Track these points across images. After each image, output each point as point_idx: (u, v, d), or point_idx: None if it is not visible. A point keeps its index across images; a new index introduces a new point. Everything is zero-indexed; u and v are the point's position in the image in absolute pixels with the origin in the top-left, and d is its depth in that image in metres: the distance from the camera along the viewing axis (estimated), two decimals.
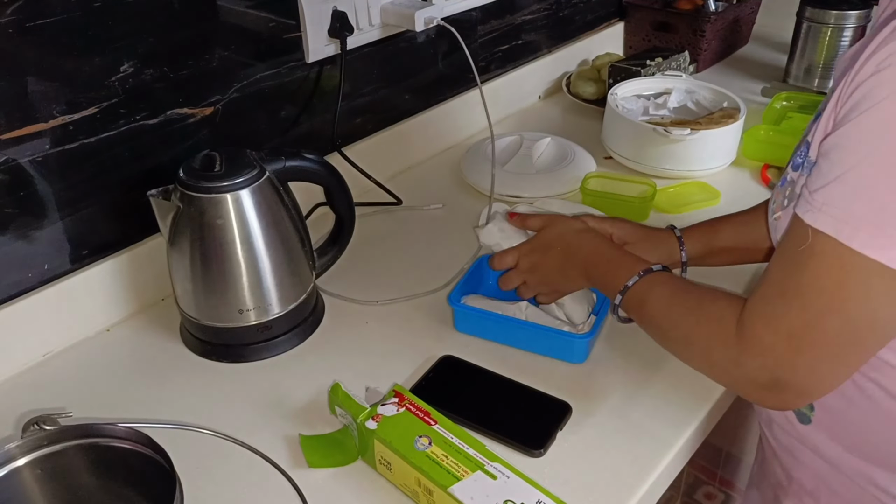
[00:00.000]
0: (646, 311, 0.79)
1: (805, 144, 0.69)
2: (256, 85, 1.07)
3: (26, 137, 0.85)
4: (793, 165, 0.70)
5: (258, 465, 0.78)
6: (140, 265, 0.99)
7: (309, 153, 0.95)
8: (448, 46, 1.33)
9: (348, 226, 1.01)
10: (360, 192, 1.20)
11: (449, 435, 0.74)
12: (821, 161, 0.61)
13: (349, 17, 1.11)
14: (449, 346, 0.93)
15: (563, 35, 1.62)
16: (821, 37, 1.57)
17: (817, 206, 0.60)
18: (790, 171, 0.70)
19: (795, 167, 0.69)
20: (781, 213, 0.71)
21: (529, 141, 1.32)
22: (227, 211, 0.86)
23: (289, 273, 0.92)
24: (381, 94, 1.26)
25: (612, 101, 1.34)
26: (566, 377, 0.88)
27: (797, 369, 0.63)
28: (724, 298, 0.71)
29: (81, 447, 0.68)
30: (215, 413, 0.85)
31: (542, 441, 0.79)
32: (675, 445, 0.80)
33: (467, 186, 1.27)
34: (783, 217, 0.70)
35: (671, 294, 0.77)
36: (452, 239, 1.14)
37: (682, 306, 0.75)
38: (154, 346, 0.95)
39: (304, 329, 0.96)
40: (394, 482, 0.76)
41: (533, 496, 0.69)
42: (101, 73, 0.89)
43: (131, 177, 0.96)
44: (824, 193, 0.60)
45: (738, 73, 1.69)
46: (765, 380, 0.65)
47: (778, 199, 0.72)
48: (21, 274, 0.90)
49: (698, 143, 1.24)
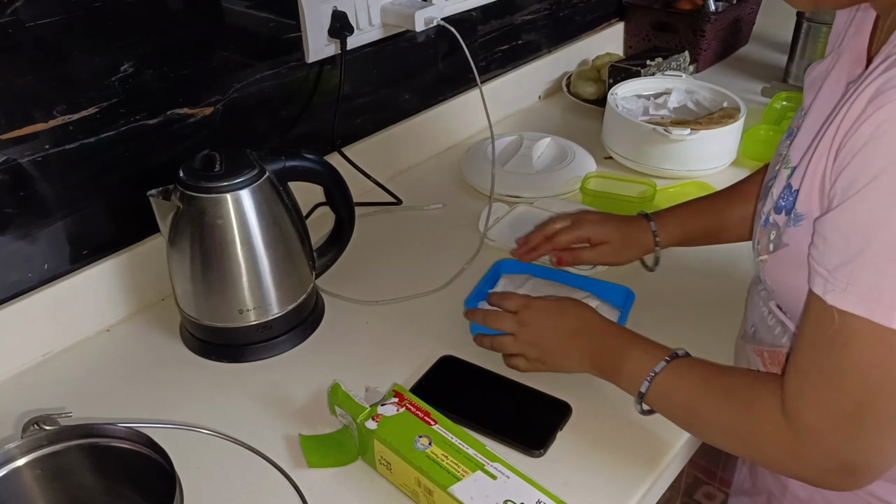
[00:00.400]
0: (673, 402, 0.74)
1: (788, 188, 0.68)
2: (256, 85, 1.07)
3: (26, 137, 0.85)
4: (776, 208, 0.69)
5: (258, 465, 0.78)
6: (140, 265, 0.99)
7: (309, 153, 0.95)
8: (448, 46, 1.33)
9: (348, 226, 1.01)
10: (360, 192, 1.20)
11: (449, 435, 0.74)
12: (831, 236, 0.59)
13: (349, 17, 1.11)
14: (449, 346, 0.92)
15: (563, 35, 1.62)
16: (821, 37, 1.57)
17: (841, 287, 0.57)
18: (773, 214, 0.70)
19: (779, 210, 0.69)
20: (768, 256, 0.70)
21: (529, 141, 1.32)
22: (227, 211, 0.86)
23: (289, 273, 0.92)
24: (381, 94, 1.26)
25: (612, 101, 1.34)
26: (566, 377, 0.88)
27: (863, 450, 0.61)
28: (758, 382, 0.68)
29: (81, 447, 0.68)
30: (215, 413, 0.85)
31: (542, 441, 0.79)
32: (675, 445, 0.80)
33: (467, 186, 1.27)
34: (771, 262, 0.70)
35: (701, 381, 0.72)
36: (452, 239, 1.14)
37: (716, 395, 0.70)
38: (154, 346, 0.95)
39: (304, 329, 0.96)
40: (394, 482, 0.76)
41: (533, 496, 0.69)
42: (101, 73, 0.89)
43: (131, 177, 0.96)
44: (847, 273, 0.57)
45: (738, 73, 1.69)
46: (830, 466, 0.63)
47: (762, 241, 0.71)
48: (21, 274, 0.90)
49: (698, 143, 1.24)
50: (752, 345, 0.79)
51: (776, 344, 0.75)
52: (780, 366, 0.75)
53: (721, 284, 1.02)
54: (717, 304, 0.98)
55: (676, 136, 1.22)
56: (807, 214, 0.64)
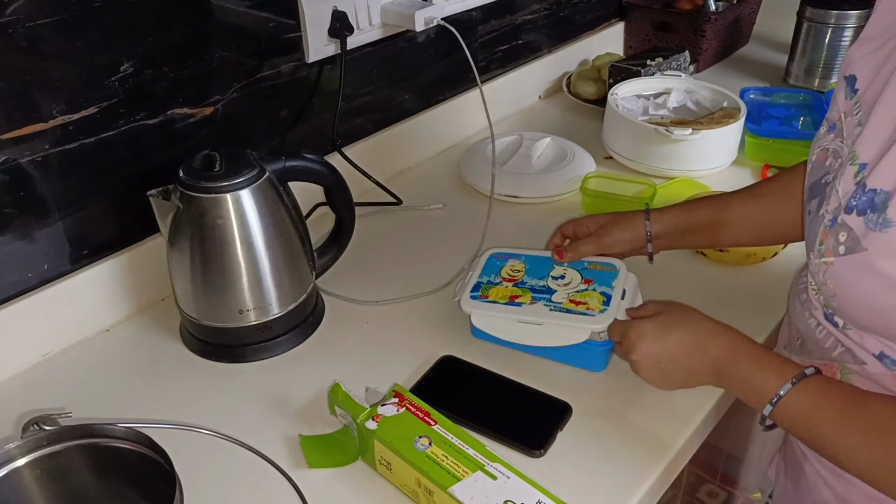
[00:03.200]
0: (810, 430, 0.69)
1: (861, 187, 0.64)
2: (256, 85, 1.07)
3: (26, 137, 0.85)
4: (847, 208, 0.66)
5: (258, 465, 0.78)
6: (140, 265, 0.99)
7: (309, 153, 0.95)
8: (448, 46, 1.33)
9: (348, 226, 1.01)
10: (360, 192, 1.20)
11: (449, 435, 0.74)
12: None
13: (349, 17, 1.11)
14: (449, 346, 0.92)
15: (564, 35, 1.62)
16: (821, 37, 1.57)
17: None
18: (843, 214, 0.66)
19: (850, 210, 0.65)
20: (835, 259, 0.66)
21: (529, 141, 1.32)
22: (227, 211, 0.86)
23: (289, 273, 0.92)
24: (381, 94, 1.26)
25: (613, 100, 1.34)
26: (566, 377, 0.88)
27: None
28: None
29: (81, 447, 0.68)
30: (215, 413, 0.85)
31: (543, 441, 0.79)
32: (675, 445, 0.80)
33: (467, 186, 1.27)
34: (839, 265, 0.66)
35: (841, 412, 0.67)
36: (452, 239, 1.14)
37: (860, 429, 0.66)
38: (154, 346, 0.95)
39: (304, 329, 0.96)
40: (394, 482, 0.76)
41: (533, 496, 0.69)
42: (101, 73, 0.89)
43: (131, 177, 0.96)
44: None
45: (738, 73, 1.69)
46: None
47: (827, 243, 0.67)
48: (21, 274, 0.90)
49: (699, 143, 1.24)
50: (798, 358, 0.76)
51: (827, 357, 0.73)
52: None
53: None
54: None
55: (678, 136, 1.22)
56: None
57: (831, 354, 0.72)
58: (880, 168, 0.64)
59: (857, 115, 0.70)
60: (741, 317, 0.95)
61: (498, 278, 0.95)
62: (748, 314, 0.95)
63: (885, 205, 0.62)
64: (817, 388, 0.69)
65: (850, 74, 0.73)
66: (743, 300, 1.00)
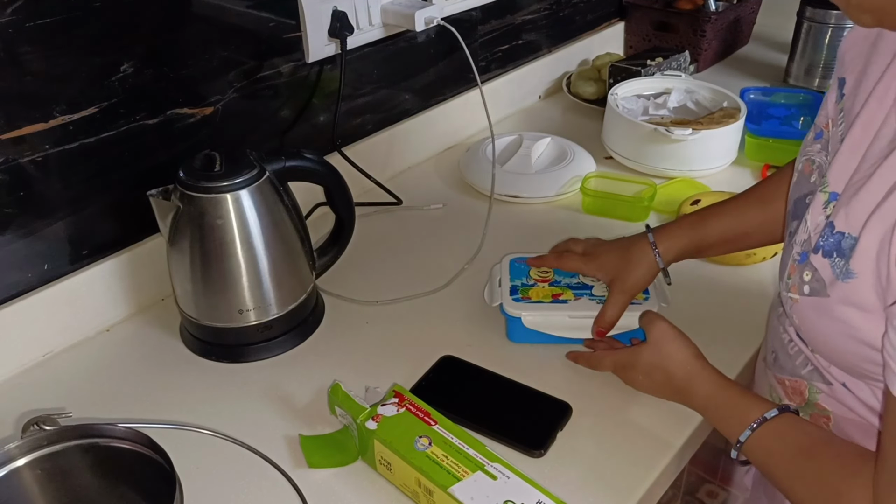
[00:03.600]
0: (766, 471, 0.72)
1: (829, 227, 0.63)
2: (256, 85, 1.07)
3: (26, 137, 0.85)
4: (814, 248, 0.65)
5: (258, 465, 0.78)
6: (140, 265, 0.99)
7: (309, 153, 0.95)
8: (448, 46, 1.33)
9: (348, 226, 1.01)
10: (360, 192, 1.20)
11: (449, 435, 0.74)
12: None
13: (349, 17, 1.11)
14: (449, 346, 0.92)
15: (564, 35, 1.62)
16: (821, 37, 1.57)
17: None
18: (811, 254, 0.65)
19: (817, 249, 0.64)
20: (800, 298, 0.66)
21: (529, 141, 1.32)
22: (226, 211, 0.86)
23: (289, 273, 0.92)
24: (381, 94, 1.26)
25: (613, 100, 1.34)
26: (566, 377, 0.88)
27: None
28: (851, 468, 0.63)
29: (81, 447, 0.68)
30: (215, 413, 0.85)
31: (543, 441, 0.79)
32: (675, 446, 0.80)
33: (467, 186, 1.27)
34: (803, 304, 0.66)
35: (790, 458, 0.69)
36: (452, 239, 1.14)
37: (806, 481, 0.67)
38: (154, 347, 0.95)
39: (304, 329, 0.96)
40: (394, 482, 0.76)
41: (533, 496, 0.69)
42: (101, 73, 0.89)
43: (131, 177, 0.96)
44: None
45: (738, 73, 1.69)
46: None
47: (794, 278, 0.67)
48: (21, 274, 0.90)
49: (699, 143, 1.24)
50: (773, 371, 0.77)
51: (797, 374, 0.73)
52: (801, 396, 0.73)
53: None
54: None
55: (678, 135, 1.22)
56: (860, 274, 0.59)
57: (801, 371, 0.73)
58: (851, 209, 0.62)
59: (840, 125, 0.68)
60: (741, 317, 0.96)
61: (530, 280, 0.95)
62: (748, 314, 0.96)
63: (850, 252, 0.61)
64: (774, 433, 0.70)
65: (841, 77, 0.71)
66: (743, 300, 1.00)
